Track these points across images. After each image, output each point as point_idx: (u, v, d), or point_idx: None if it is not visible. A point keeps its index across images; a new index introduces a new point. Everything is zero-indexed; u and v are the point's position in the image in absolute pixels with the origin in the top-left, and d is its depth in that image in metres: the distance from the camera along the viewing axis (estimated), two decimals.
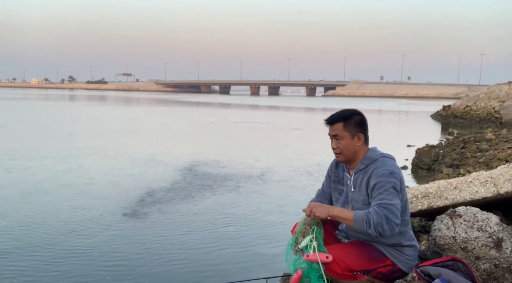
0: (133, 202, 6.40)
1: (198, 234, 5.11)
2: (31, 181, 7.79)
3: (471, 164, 8.35)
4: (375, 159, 2.32)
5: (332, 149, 2.41)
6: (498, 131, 14.01)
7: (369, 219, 2.08)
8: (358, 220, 2.12)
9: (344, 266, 2.22)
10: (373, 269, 2.26)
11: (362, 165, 2.34)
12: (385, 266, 2.29)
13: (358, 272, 2.24)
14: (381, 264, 2.28)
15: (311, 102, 63.78)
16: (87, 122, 20.95)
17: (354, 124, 2.36)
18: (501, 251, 2.59)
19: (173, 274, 4.05)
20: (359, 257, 2.25)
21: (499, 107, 22.22)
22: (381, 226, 2.06)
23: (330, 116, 2.40)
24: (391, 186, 2.17)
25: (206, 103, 50.20)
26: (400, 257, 2.32)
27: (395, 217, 2.09)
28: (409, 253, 2.35)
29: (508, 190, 3.22)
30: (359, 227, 2.12)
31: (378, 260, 2.28)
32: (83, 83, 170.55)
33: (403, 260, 2.33)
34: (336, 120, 2.36)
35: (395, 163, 2.32)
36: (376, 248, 2.32)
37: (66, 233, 5.04)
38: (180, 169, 8.98)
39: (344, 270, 2.22)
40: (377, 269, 2.27)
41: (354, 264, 2.23)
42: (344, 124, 2.34)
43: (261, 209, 6.20)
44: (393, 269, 2.31)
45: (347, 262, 2.23)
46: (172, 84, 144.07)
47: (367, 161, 2.33)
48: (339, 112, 2.40)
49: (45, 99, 56.46)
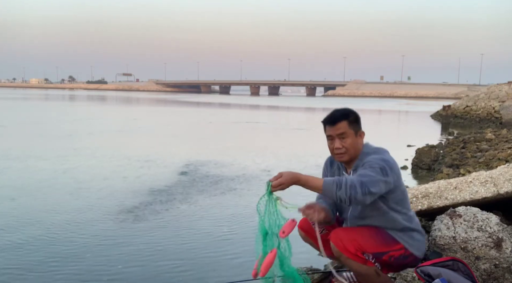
0: (132, 202, 6.38)
1: (198, 235, 5.10)
2: (27, 181, 7.78)
3: (471, 164, 8.35)
4: (370, 153, 2.31)
5: (334, 150, 2.32)
6: (498, 131, 14.01)
7: (340, 182, 2.03)
8: (328, 183, 2.05)
9: (358, 247, 2.20)
10: (385, 252, 2.26)
11: (360, 161, 2.31)
12: (397, 250, 2.29)
13: (370, 255, 2.22)
14: (393, 247, 2.28)
15: (311, 102, 63.78)
16: (86, 122, 20.94)
17: (355, 121, 2.34)
18: (501, 251, 2.59)
19: (173, 274, 4.04)
20: (372, 239, 2.24)
21: (499, 107, 22.23)
22: (354, 189, 2.01)
23: (331, 115, 2.34)
24: (378, 166, 2.14)
25: (206, 103, 50.20)
26: (411, 242, 2.33)
27: (372, 186, 2.04)
28: (419, 238, 2.37)
29: (508, 190, 3.22)
30: (328, 190, 2.05)
31: (390, 244, 2.28)
32: (83, 83, 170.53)
33: (415, 245, 2.34)
34: (340, 118, 2.30)
35: (388, 154, 2.30)
36: (387, 233, 2.31)
37: (61, 234, 5.02)
38: (180, 169, 8.98)
39: (357, 250, 2.20)
40: (390, 252, 2.27)
41: (367, 246, 2.22)
42: (348, 122, 2.30)
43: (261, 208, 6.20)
44: (405, 253, 2.31)
45: (361, 243, 2.21)
46: (172, 84, 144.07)
47: (364, 157, 2.31)
48: (338, 111, 2.35)
49: (45, 99, 56.47)
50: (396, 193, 2.26)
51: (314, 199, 2.58)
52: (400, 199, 2.30)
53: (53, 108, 34.66)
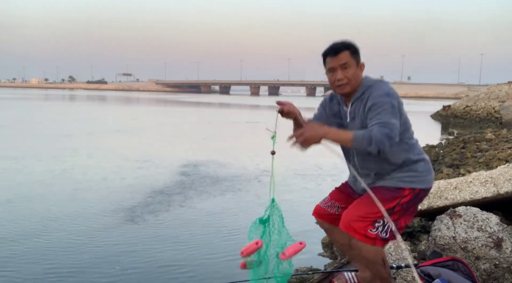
0: (130, 203, 6.38)
1: (197, 236, 5.11)
2: (23, 181, 7.78)
3: (471, 164, 8.35)
4: (370, 85, 2.24)
5: (336, 82, 2.25)
6: (498, 131, 14.01)
7: (370, 137, 1.98)
8: (358, 138, 2.00)
9: (367, 221, 2.15)
10: (395, 205, 2.22)
11: (358, 93, 2.25)
12: (405, 196, 2.24)
13: (381, 219, 2.17)
14: (400, 196, 2.24)
15: (311, 102, 63.77)
16: (85, 122, 20.94)
17: (356, 52, 2.27)
18: (501, 251, 2.59)
19: (172, 275, 4.04)
20: (377, 202, 2.15)
21: (499, 107, 22.22)
22: (383, 144, 1.98)
23: (333, 46, 2.26)
24: (388, 105, 2.09)
25: (206, 103, 50.17)
26: (416, 178, 2.27)
27: (395, 135, 2.03)
28: (423, 169, 2.30)
29: (508, 190, 3.22)
30: (358, 145, 2.01)
31: (395, 196, 2.24)
32: (83, 83, 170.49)
33: (420, 179, 2.27)
34: (342, 48, 2.23)
35: (390, 86, 2.25)
36: (388, 187, 2.26)
37: (58, 235, 5.01)
38: (179, 170, 8.98)
39: (367, 226, 2.16)
40: (399, 203, 2.23)
41: (374, 211, 2.14)
42: (350, 52, 2.23)
43: (260, 210, 6.18)
44: (414, 193, 2.26)
45: (369, 211, 2.17)
46: (172, 84, 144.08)
47: (363, 89, 2.25)
48: (339, 42, 2.27)
49: (45, 99, 56.44)
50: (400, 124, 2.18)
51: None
52: (403, 129, 2.22)
53: (53, 108, 34.64)
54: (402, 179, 2.27)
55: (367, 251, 2.21)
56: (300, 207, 6.39)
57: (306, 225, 5.61)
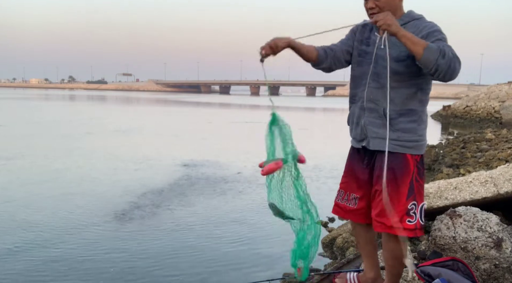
0: (127, 204, 6.37)
1: (197, 237, 5.10)
2: (21, 182, 7.78)
3: (471, 164, 8.35)
4: (417, 17, 2.14)
5: (368, 10, 2.14)
6: (498, 131, 14.01)
7: (444, 51, 1.86)
8: (433, 47, 1.86)
9: (395, 206, 2.05)
10: (411, 178, 2.12)
11: (401, 21, 2.09)
12: (412, 172, 2.14)
13: (411, 205, 2.09)
14: (408, 173, 2.14)
15: (311, 102, 63.72)
16: (85, 122, 20.92)
17: None
18: (501, 251, 2.59)
19: (173, 276, 4.04)
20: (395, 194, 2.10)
21: (499, 107, 22.22)
22: (454, 62, 1.87)
23: None
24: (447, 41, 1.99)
25: (206, 103, 50.17)
26: (415, 148, 2.16)
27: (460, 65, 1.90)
28: (422, 132, 2.20)
29: (508, 190, 3.23)
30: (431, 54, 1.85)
31: (404, 176, 2.13)
32: (83, 83, 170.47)
33: (419, 145, 2.18)
34: None
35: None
36: (393, 173, 2.12)
37: (53, 237, 4.99)
38: (178, 170, 8.97)
39: (402, 216, 2.08)
40: (409, 178, 2.13)
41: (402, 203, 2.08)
42: None
43: (259, 211, 6.19)
44: (418, 161, 2.17)
45: (395, 201, 2.07)
46: (172, 84, 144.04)
47: (407, 19, 2.14)
48: None
49: (45, 99, 56.41)
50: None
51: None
52: (429, 81, 2.14)
53: (53, 108, 34.62)
54: (406, 145, 2.14)
55: (394, 244, 2.13)
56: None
57: None
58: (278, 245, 4.85)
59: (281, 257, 4.51)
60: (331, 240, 4.32)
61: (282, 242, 4.95)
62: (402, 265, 2.21)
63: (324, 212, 6.07)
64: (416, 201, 2.13)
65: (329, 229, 5.33)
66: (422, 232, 2.16)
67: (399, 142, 2.13)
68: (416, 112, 2.15)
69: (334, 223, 5.66)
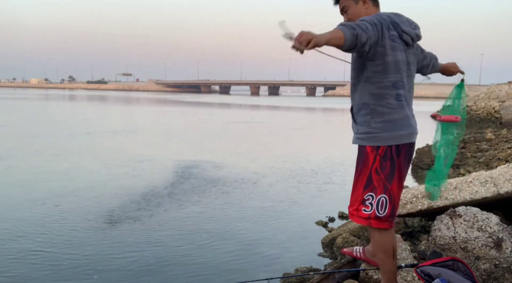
0: (126, 204, 6.36)
1: (197, 237, 5.09)
2: (17, 181, 7.77)
3: (471, 164, 8.35)
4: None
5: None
6: (498, 131, 14.01)
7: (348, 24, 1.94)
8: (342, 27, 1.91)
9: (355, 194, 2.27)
10: (370, 169, 2.21)
11: None
12: (372, 165, 2.20)
13: (368, 196, 2.22)
14: (367, 165, 2.22)
15: (311, 102, 63.73)
16: (84, 122, 20.92)
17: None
18: (501, 251, 2.59)
19: (173, 275, 4.04)
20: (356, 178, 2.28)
21: (499, 107, 22.21)
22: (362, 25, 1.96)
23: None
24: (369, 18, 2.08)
25: (206, 103, 50.16)
26: (367, 139, 2.22)
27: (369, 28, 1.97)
28: (376, 125, 2.20)
29: (508, 190, 3.23)
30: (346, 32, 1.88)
31: (364, 168, 2.24)
32: (83, 83, 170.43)
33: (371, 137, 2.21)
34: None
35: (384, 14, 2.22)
36: (357, 165, 2.29)
37: (49, 239, 4.94)
38: (178, 170, 8.96)
39: (358, 205, 2.25)
40: (368, 170, 2.22)
41: (359, 193, 2.26)
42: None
43: (259, 211, 6.19)
44: (380, 154, 2.19)
45: (354, 189, 2.28)
46: (172, 84, 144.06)
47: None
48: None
49: (45, 99, 56.41)
50: (377, 61, 2.13)
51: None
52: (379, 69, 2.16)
53: (52, 108, 34.62)
54: (360, 137, 2.27)
55: (377, 235, 2.28)
56: (300, 207, 6.40)
57: (306, 225, 5.62)
58: (277, 245, 4.85)
59: (281, 256, 4.51)
60: (331, 240, 4.32)
61: (281, 242, 4.95)
62: (391, 260, 2.30)
63: (324, 212, 6.08)
64: (374, 193, 2.22)
65: (329, 229, 5.32)
66: (382, 225, 2.23)
67: (358, 135, 2.29)
68: (368, 105, 2.22)
69: (334, 223, 5.66)
